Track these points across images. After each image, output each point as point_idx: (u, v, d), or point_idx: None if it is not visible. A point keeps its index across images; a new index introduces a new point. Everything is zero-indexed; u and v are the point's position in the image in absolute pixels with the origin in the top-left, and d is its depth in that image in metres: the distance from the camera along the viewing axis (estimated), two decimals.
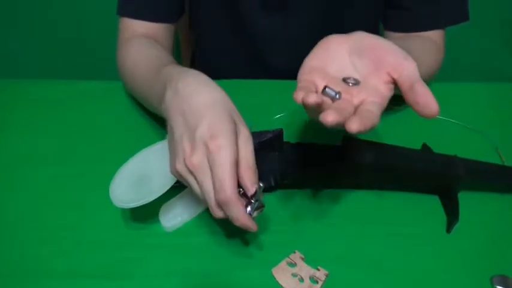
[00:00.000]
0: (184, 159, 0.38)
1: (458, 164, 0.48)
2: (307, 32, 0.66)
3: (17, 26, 1.26)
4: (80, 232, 0.46)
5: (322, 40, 0.41)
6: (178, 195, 0.47)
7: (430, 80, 0.60)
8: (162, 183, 0.43)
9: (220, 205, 0.37)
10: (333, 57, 0.40)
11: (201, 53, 0.77)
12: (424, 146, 0.53)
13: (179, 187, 0.44)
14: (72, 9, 1.20)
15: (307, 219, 0.47)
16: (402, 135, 0.53)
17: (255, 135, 0.50)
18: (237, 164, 0.37)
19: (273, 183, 0.48)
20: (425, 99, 0.35)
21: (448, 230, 0.46)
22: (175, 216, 0.46)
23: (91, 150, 0.55)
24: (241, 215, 0.37)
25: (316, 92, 0.37)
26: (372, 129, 0.33)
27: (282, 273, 0.42)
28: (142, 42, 0.58)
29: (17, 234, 0.46)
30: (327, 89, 0.37)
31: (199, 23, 0.71)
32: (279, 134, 0.50)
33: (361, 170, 0.48)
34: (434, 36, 0.61)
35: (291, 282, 0.41)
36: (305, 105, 0.34)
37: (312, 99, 0.33)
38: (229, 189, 0.36)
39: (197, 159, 0.37)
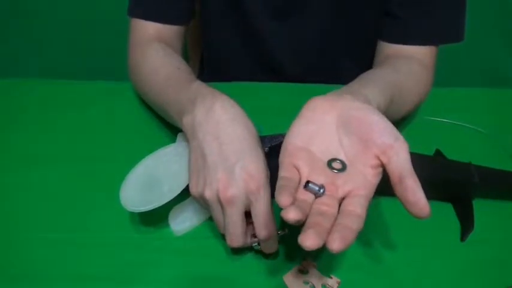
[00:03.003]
0: (217, 189, 0.39)
1: (472, 170, 0.47)
2: (315, 37, 0.66)
3: (26, 26, 1.27)
4: (88, 234, 0.45)
5: (306, 106, 0.38)
6: (188, 199, 0.46)
7: (418, 105, 0.58)
8: (173, 187, 0.43)
9: (262, 240, 0.40)
10: (318, 132, 0.37)
11: (210, 55, 0.77)
12: (437, 152, 0.52)
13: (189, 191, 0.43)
14: (82, 9, 1.21)
15: None
16: (414, 141, 0.52)
17: (266, 139, 0.49)
18: None
19: None
20: (415, 198, 0.32)
21: (463, 238, 0.45)
22: (185, 220, 0.46)
23: (101, 152, 0.54)
24: (276, 245, 0.41)
25: (299, 183, 0.35)
26: (357, 236, 0.31)
27: (293, 280, 0.41)
28: (159, 49, 0.58)
29: (23, 235, 0.45)
30: (310, 185, 0.34)
31: (209, 26, 0.71)
32: None
33: None
34: (426, 55, 0.59)
35: None
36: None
37: (292, 215, 0.30)
38: (273, 226, 0.39)
39: (233, 193, 0.38)
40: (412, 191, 0.32)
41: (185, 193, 0.43)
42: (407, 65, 0.57)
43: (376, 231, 0.46)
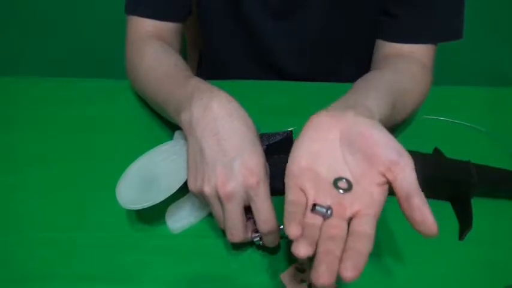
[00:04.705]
0: (216, 185, 0.39)
1: (471, 169, 0.47)
2: (314, 36, 0.66)
3: (24, 24, 1.27)
4: (84, 233, 0.45)
5: (309, 124, 0.38)
6: (185, 197, 0.46)
7: (420, 106, 0.58)
8: (170, 184, 0.42)
9: (264, 234, 0.40)
10: (322, 150, 0.37)
11: (209, 53, 0.76)
12: (436, 150, 0.52)
13: (186, 188, 0.43)
14: (81, 8, 1.20)
15: None
16: (413, 140, 0.52)
17: (264, 137, 0.49)
18: None
19: (281, 187, 0.47)
20: (422, 217, 0.32)
21: (461, 237, 0.45)
22: (182, 218, 0.46)
23: (97, 150, 0.54)
24: (278, 238, 0.41)
25: (306, 206, 0.35)
26: (368, 256, 0.31)
27: (290, 278, 0.41)
28: (156, 46, 0.58)
29: (21, 235, 0.45)
30: (317, 208, 0.34)
31: (208, 25, 0.71)
32: (288, 135, 0.49)
33: None
34: (424, 54, 0.58)
35: None
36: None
37: (303, 252, 0.30)
38: (275, 220, 0.40)
39: (232, 188, 0.38)
40: (419, 210, 0.32)
41: (182, 191, 0.43)
42: (406, 65, 0.56)
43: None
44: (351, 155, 0.36)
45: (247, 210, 0.40)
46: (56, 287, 0.41)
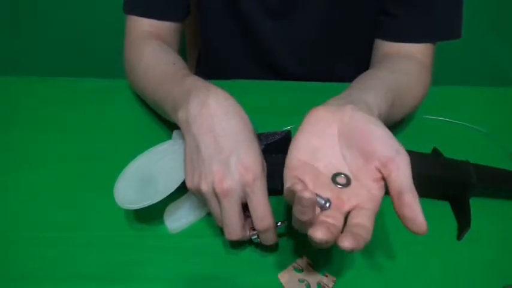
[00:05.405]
0: (213, 182, 0.39)
1: (470, 169, 0.47)
2: (313, 36, 0.66)
3: (24, 24, 1.27)
4: (83, 233, 0.45)
5: (307, 118, 0.38)
6: (183, 197, 0.46)
7: (419, 105, 0.58)
8: (168, 184, 0.42)
9: (261, 231, 0.40)
10: (321, 145, 0.37)
11: (208, 53, 0.77)
12: (435, 150, 0.52)
13: (185, 188, 0.43)
14: (80, 8, 1.21)
15: None
16: (412, 139, 0.52)
17: (263, 136, 0.49)
18: None
19: (279, 187, 0.47)
20: (412, 214, 0.32)
21: (459, 237, 0.45)
22: (180, 218, 0.46)
23: (96, 150, 0.54)
24: (275, 236, 0.41)
25: None
26: (365, 246, 0.31)
27: (288, 278, 0.41)
28: (155, 45, 0.58)
29: (18, 235, 0.45)
30: (316, 198, 0.34)
31: (207, 25, 0.71)
32: (287, 135, 0.49)
33: None
34: (423, 53, 0.58)
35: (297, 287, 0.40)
36: (297, 204, 0.32)
37: (308, 194, 0.31)
38: (271, 217, 0.39)
39: (229, 185, 0.38)
40: (410, 206, 0.32)
41: (180, 191, 0.43)
42: (406, 65, 0.57)
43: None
44: (348, 150, 0.36)
45: (246, 208, 0.40)
46: (55, 286, 0.41)
